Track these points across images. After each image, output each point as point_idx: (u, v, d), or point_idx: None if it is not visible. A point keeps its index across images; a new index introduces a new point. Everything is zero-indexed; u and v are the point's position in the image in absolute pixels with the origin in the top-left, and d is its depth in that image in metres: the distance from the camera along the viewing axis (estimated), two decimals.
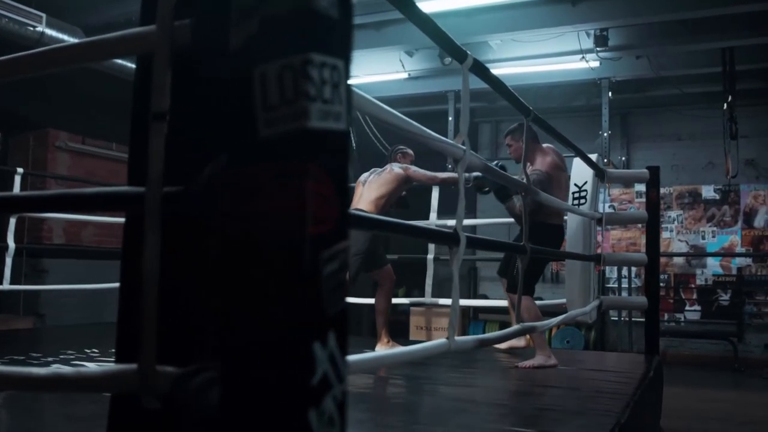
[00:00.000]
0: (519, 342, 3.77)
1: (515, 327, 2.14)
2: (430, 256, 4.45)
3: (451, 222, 3.96)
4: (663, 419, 3.94)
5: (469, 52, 1.81)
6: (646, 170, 4.11)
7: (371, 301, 4.15)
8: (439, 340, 1.61)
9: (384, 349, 3.74)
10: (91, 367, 3.22)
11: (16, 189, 4.38)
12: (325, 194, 0.53)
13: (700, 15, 5.50)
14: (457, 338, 1.66)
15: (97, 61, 0.98)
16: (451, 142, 1.65)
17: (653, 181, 4.10)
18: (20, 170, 4.47)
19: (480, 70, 1.84)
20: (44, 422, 2.14)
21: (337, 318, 0.54)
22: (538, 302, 3.69)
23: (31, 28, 4.83)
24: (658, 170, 4.15)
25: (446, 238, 1.66)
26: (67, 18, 5.26)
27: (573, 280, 3.64)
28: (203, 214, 0.87)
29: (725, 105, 6.41)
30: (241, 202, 0.52)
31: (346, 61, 0.56)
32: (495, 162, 2.88)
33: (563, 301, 3.98)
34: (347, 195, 0.55)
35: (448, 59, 6.31)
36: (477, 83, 2.01)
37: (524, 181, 2.28)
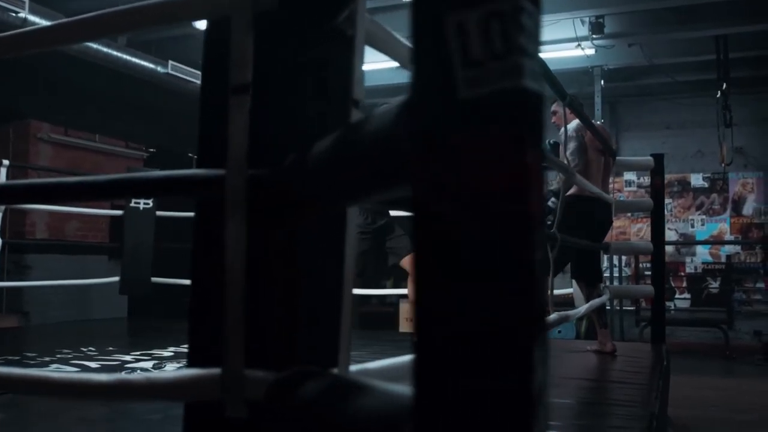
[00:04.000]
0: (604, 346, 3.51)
1: (553, 315, 2.07)
2: None
3: None
4: None
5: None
6: (650, 158, 4.07)
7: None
8: None
9: None
10: (93, 366, 3.09)
11: (2, 181, 4.20)
12: (537, 167, 0.43)
13: (695, 2, 5.48)
14: None
15: (160, 25, 0.87)
16: None
17: (658, 169, 4.07)
18: (6, 162, 4.30)
19: None
20: (58, 425, 2.02)
21: (542, 314, 0.45)
22: None
23: (14, 14, 4.64)
24: (662, 158, 4.12)
25: None
26: (50, 4, 5.06)
27: None
28: (306, 196, 0.77)
29: (719, 93, 6.41)
30: (437, 179, 0.42)
31: (540, 13, 0.47)
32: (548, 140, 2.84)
33: (569, 290, 3.92)
34: (544, 170, 0.46)
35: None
36: None
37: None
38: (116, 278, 5.16)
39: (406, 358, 1.16)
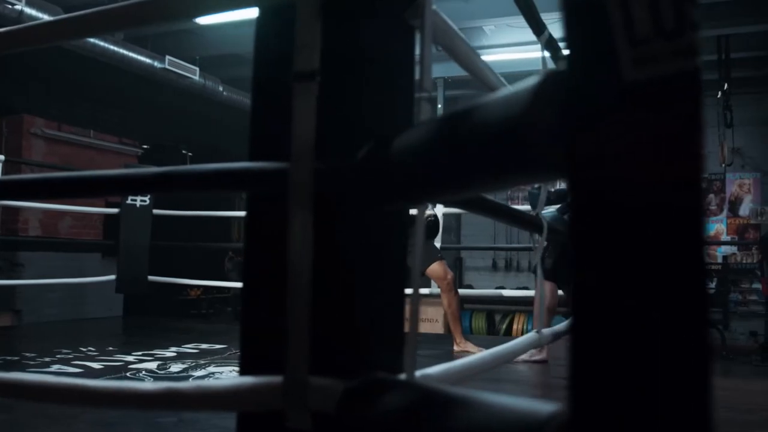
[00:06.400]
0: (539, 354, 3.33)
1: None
2: (437, 245, 4.31)
3: None
4: None
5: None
6: None
7: None
8: (529, 334, 1.49)
9: (461, 351, 3.55)
10: (96, 367, 3.02)
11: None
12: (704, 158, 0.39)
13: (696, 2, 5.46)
14: (545, 330, 1.55)
15: (215, 12, 0.82)
16: None
17: None
18: (1, 157, 4.21)
19: (552, 47, 1.72)
20: (63, 426, 1.96)
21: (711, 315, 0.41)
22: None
23: (10, 6, 4.54)
24: None
25: (530, 224, 1.53)
26: None
27: None
28: (388, 191, 0.72)
29: (720, 93, 6.40)
30: (604, 170, 0.37)
31: None
32: None
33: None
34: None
35: (438, 45, 6.16)
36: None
37: None
38: (112, 276, 5.07)
39: (462, 362, 1.11)
